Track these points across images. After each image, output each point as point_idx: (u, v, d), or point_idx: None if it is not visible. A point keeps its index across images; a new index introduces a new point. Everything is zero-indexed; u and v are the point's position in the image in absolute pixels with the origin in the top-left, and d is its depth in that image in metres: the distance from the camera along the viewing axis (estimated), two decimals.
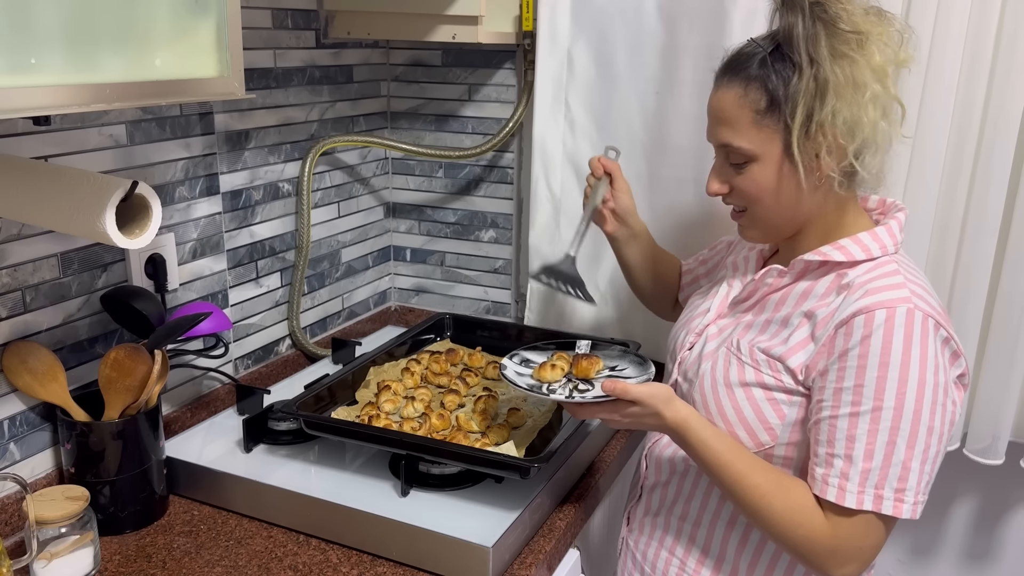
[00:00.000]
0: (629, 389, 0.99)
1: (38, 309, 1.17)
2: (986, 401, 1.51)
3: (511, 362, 1.19)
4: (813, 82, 0.94)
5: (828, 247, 1.01)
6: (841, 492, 0.92)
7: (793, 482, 0.97)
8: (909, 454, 0.91)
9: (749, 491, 0.97)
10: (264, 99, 1.51)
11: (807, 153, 0.97)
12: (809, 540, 0.94)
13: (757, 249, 1.16)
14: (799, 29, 0.95)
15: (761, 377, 1.01)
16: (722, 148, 1.03)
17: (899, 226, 1.03)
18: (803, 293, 1.02)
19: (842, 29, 0.95)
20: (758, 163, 1.00)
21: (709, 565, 1.09)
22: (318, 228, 1.70)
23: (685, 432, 0.99)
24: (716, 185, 1.06)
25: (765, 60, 0.97)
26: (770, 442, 1.01)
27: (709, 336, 1.11)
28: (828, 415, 0.94)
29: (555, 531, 1.18)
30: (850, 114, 0.94)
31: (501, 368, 1.16)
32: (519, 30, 1.62)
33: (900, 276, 0.97)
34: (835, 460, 0.93)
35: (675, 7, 1.46)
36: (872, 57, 0.95)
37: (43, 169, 1.05)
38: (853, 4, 0.96)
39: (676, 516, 1.12)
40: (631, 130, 1.55)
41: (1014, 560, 1.73)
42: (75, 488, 1.07)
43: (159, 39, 0.94)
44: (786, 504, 0.95)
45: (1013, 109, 1.36)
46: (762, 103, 0.97)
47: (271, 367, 1.61)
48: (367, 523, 1.12)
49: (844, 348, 0.94)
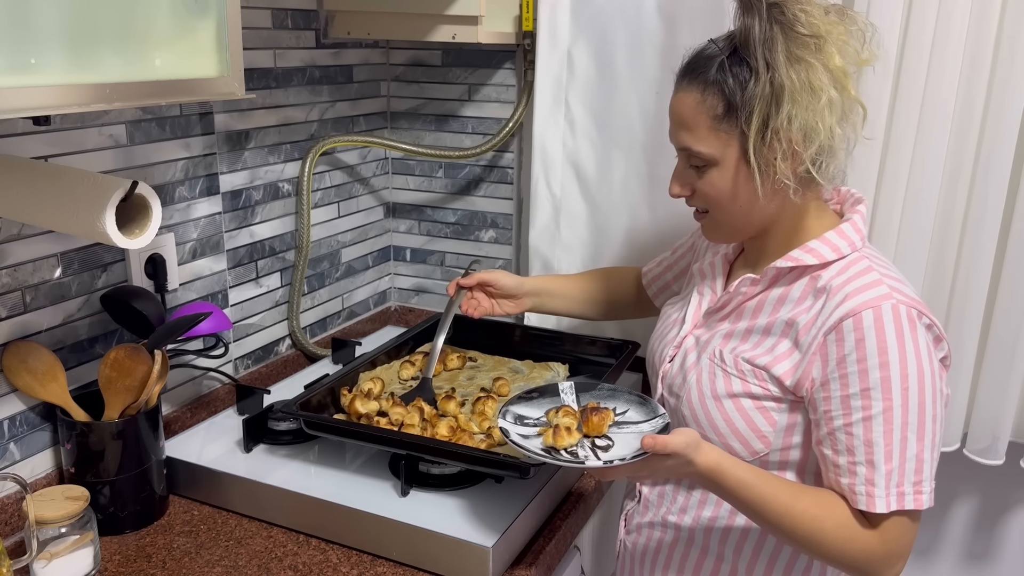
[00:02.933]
0: (668, 443, 0.91)
1: (38, 309, 1.17)
2: (986, 401, 1.51)
3: (510, 425, 1.06)
4: (769, 87, 0.94)
5: (798, 251, 1.01)
6: (870, 499, 0.92)
7: (829, 497, 0.95)
8: (920, 446, 0.92)
9: (799, 519, 0.93)
10: (264, 99, 1.51)
11: (764, 158, 0.96)
12: (865, 552, 0.93)
13: (721, 253, 1.16)
14: (755, 32, 0.94)
15: (748, 387, 1.01)
16: (683, 151, 1.03)
17: (863, 219, 1.03)
18: (779, 299, 1.02)
19: (799, 32, 0.93)
20: (717, 167, 1.00)
21: (708, 566, 1.09)
22: (318, 228, 1.70)
23: (719, 476, 0.93)
24: (677, 188, 1.05)
25: (723, 64, 0.97)
26: (764, 449, 1.01)
27: (688, 348, 1.11)
28: (842, 424, 0.94)
29: (555, 531, 1.18)
30: (806, 120, 0.94)
31: (504, 434, 1.03)
32: (519, 30, 1.62)
33: (875, 272, 0.97)
34: (858, 468, 0.93)
35: (675, 7, 1.46)
36: (831, 59, 0.95)
37: (43, 169, 1.05)
38: (812, 5, 0.95)
39: (674, 518, 1.12)
40: (631, 130, 1.55)
41: (1014, 560, 1.73)
42: (75, 488, 1.07)
43: (159, 39, 0.94)
44: (836, 523, 0.93)
45: (1013, 109, 1.36)
46: (719, 108, 0.97)
47: (271, 367, 1.61)
48: (367, 523, 1.12)
49: (840, 355, 0.94)
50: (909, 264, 1.46)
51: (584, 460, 0.97)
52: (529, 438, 1.03)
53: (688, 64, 1.02)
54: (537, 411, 1.09)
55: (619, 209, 1.60)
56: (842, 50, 0.96)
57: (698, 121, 0.99)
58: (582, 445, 1.00)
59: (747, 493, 0.93)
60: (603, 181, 1.60)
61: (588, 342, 1.54)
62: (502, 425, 1.05)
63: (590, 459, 0.97)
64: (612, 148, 1.58)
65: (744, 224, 1.04)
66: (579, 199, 1.63)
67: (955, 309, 1.48)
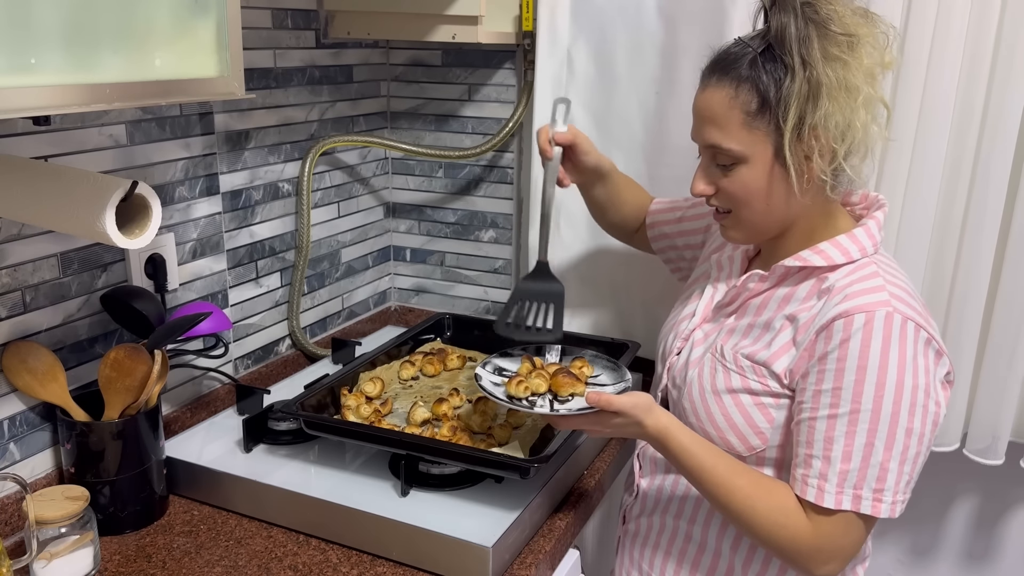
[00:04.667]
0: (612, 400, 0.99)
1: (38, 309, 1.17)
2: (986, 401, 1.51)
3: (485, 372, 1.16)
4: (806, 84, 0.94)
5: (808, 252, 1.01)
6: (820, 492, 0.93)
7: (775, 484, 0.98)
8: (887, 455, 0.92)
9: (732, 493, 0.97)
10: (264, 99, 1.51)
11: (798, 156, 0.96)
12: (793, 540, 0.95)
13: (742, 249, 1.16)
14: (791, 30, 0.94)
15: (747, 383, 1.01)
16: (709, 149, 1.02)
17: (878, 225, 1.03)
18: (784, 297, 1.03)
19: (834, 31, 0.94)
20: (747, 165, 0.99)
21: (705, 562, 1.09)
22: (318, 228, 1.70)
23: (666, 439, 0.99)
24: (702, 186, 1.04)
25: (756, 60, 0.96)
26: (761, 445, 1.01)
27: (695, 341, 1.11)
28: (807, 416, 0.95)
29: (555, 531, 1.18)
30: (842, 117, 0.94)
31: (476, 379, 1.13)
32: (519, 30, 1.62)
33: (879, 279, 0.97)
34: (814, 460, 0.94)
35: (675, 7, 1.46)
36: (862, 59, 0.95)
37: (43, 169, 1.05)
38: (842, 5, 0.96)
39: (671, 514, 1.12)
40: (631, 130, 1.55)
41: (1014, 560, 1.73)
42: (75, 488, 1.07)
43: (159, 39, 0.94)
44: (769, 505, 0.96)
45: (1013, 109, 1.36)
46: (753, 104, 0.96)
47: (271, 367, 1.61)
48: (367, 523, 1.12)
49: (824, 351, 0.94)
50: (909, 264, 1.46)
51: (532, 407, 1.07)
52: (498, 386, 1.13)
53: (717, 60, 1.01)
54: (516, 364, 1.18)
55: None
56: (870, 51, 0.96)
57: (730, 117, 0.98)
58: (543, 397, 1.10)
59: (687, 459, 0.99)
60: None
61: (588, 342, 1.54)
62: (478, 371, 1.14)
63: (539, 406, 1.07)
64: (612, 148, 1.57)
65: (766, 224, 1.03)
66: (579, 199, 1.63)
67: (955, 309, 1.48)
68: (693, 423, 1.06)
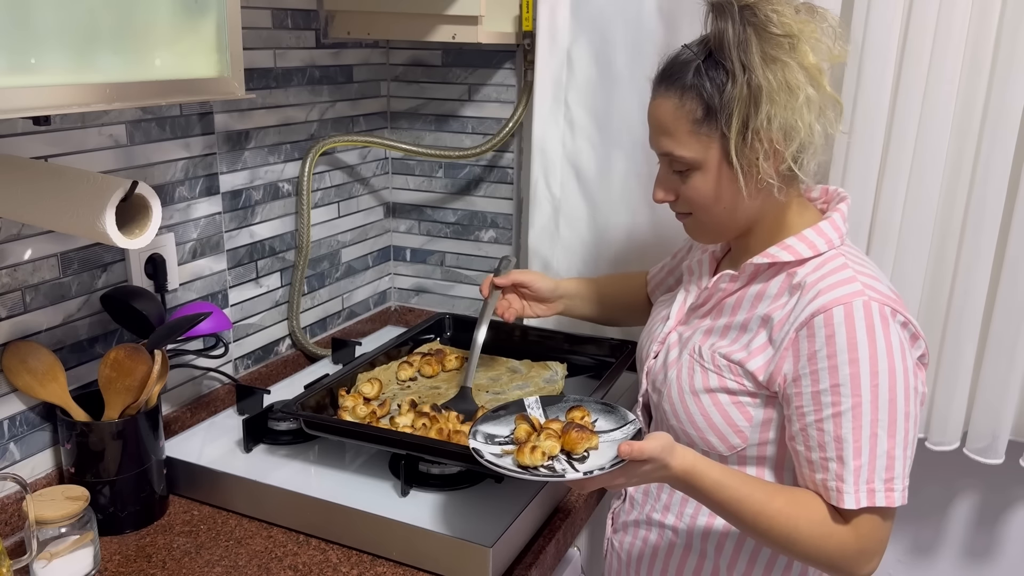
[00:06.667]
0: (644, 448, 0.89)
1: (38, 309, 1.17)
2: (986, 401, 1.51)
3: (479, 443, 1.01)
4: (747, 88, 0.94)
5: (775, 248, 1.02)
6: (840, 495, 0.93)
7: (803, 495, 0.96)
8: (891, 443, 0.92)
9: (774, 518, 0.93)
10: (264, 99, 1.51)
11: (746, 159, 0.97)
12: (841, 549, 0.93)
13: (710, 251, 1.17)
14: (729, 35, 0.95)
15: (724, 382, 1.02)
16: (664, 156, 1.04)
17: (842, 217, 1.04)
18: (757, 295, 1.03)
19: (773, 33, 0.94)
20: (700, 171, 1.00)
21: (691, 563, 1.09)
22: (318, 228, 1.70)
23: (693, 477, 0.92)
24: (662, 193, 1.06)
25: (699, 68, 0.97)
26: (741, 444, 1.02)
27: (671, 344, 1.11)
28: (813, 420, 0.95)
29: (555, 531, 1.18)
30: (785, 119, 0.95)
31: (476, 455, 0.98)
32: (519, 30, 1.62)
33: (849, 270, 0.97)
34: (830, 464, 0.94)
35: (675, 7, 1.46)
36: (805, 58, 0.95)
37: (43, 169, 1.05)
38: (783, 4, 0.96)
39: (658, 516, 1.13)
40: (631, 130, 1.55)
41: (1014, 559, 1.73)
42: (75, 488, 1.07)
43: (159, 39, 0.94)
44: (811, 520, 0.94)
45: (1013, 109, 1.36)
46: (698, 112, 0.98)
47: (271, 367, 1.61)
48: (367, 523, 1.12)
49: (811, 351, 0.94)
50: (909, 264, 1.46)
51: (563, 474, 0.94)
52: (502, 456, 0.99)
53: (664, 70, 1.03)
54: (505, 429, 1.05)
55: (619, 209, 1.60)
56: (815, 48, 0.97)
57: (678, 126, 0.99)
58: (558, 459, 0.98)
59: (722, 494, 0.93)
60: (603, 181, 1.60)
61: (587, 342, 1.54)
62: (473, 446, 1.00)
63: (568, 472, 0.94)
64: (612, 148, 1.58)
65: (727, 224, 1.05)
66: (579, 199, 1.63)
67: (955, 308, 1.48)
68: (674, 424, 1.06)
